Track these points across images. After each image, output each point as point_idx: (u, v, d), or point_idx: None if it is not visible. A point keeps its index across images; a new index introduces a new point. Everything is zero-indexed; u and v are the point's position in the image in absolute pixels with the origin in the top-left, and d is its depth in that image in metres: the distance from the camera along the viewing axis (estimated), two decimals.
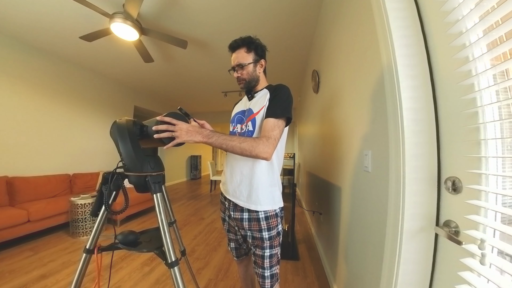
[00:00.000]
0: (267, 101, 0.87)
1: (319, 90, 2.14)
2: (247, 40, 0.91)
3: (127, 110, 4.41)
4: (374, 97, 0.86)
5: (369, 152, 0.90)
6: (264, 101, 0.88)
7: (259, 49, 0.93)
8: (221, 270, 1.78)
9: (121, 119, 0.81)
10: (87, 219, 2.41)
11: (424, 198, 0.63)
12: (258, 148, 0.75)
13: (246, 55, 0.90)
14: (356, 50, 1.06)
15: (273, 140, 0.78)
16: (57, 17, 2.16)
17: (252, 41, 0.91)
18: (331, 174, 1.59)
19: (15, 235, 2.10)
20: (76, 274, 0.83)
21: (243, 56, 0.90)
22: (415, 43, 0.66)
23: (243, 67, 0.90)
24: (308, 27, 2.24)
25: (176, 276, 0.75)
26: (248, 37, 0.91)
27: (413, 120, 0.64)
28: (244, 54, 0.90)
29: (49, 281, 1.60)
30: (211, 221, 3.03)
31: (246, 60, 0.90)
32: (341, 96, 1.35)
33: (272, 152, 0.78)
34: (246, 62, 0.90)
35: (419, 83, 0.65)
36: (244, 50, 0.90)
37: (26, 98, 2.72)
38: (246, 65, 0.90)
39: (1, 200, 2.33)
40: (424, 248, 0.63)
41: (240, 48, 0.91)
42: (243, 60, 0.90)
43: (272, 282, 0.88)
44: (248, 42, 0.90)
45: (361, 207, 1.01)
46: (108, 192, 0.83)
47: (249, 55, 0.91)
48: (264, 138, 0.77)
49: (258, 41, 0.92)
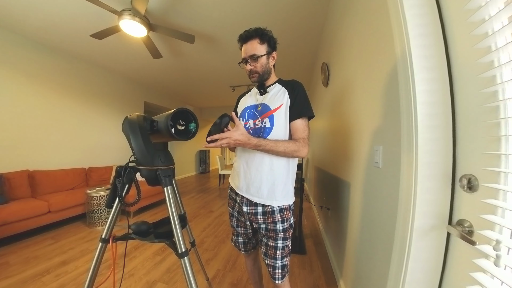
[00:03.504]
0: (287, 99, 0.87)
1: (329, 83, 2.09)
2: (260, 31, 0.87)
3: (138, 106, 4.51)
4: (387, 90, 0.83)
5: (380, 147, 0.88)
6: (282, 99, 0.87)
7: (272, 41, 0.89)
8: (229, 261, 1.83)
9: (132, 114, 0.84)
10: (102, 211, 2.54)
11: (437, 195, 0.61)
12: (300, 151, 0.83)
13: (260, 46, 0.86)
14: (368, 41, 1.02)
15: (308, 139, 0.85)
16: (69, 17, 2.21)
17: (265, 32, 0.87)
18: (340, 169, 1.57)
19: (37, 224, 2.25)
20: (93, 261, 0.88)
21: (256, 47, 0.86)
22: (432, 33, 0.63)
23: (257, 59, 0.87)
24: (317, 19, 2.17)
25: (186, 266, 0.78)
26: (260, 28, 0.88)
27: (428, 114, 0.62)
28: (257, 45, 0.86)
29: (69, 267, 1.71)
30: (219, 214, 3.09)
31: (260, 51, 0.86)
32: (351, 90, 1.31)
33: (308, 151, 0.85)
34: (260, 53, 0.86)
35: (435, 75, 0.62)
36: (257, 41, 0.86)
37: (44, 96, 2.84)
38: (260, 57, 0.87)
39: (24, 192, 2.49)
40: (434, 247, 0.62)
41: (253, 39, 0.87)
42: (257, 51, 0.86)
43: (283, 272, 0.90)
44: (261, 33, 0.87)
45: (370, 203, 0.99)
46: (121, 185, 0.87)
47: (263, 46, 0.87)
48: (301, 140, 0.84)
49: (270, 33, 0.89)
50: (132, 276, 1.60)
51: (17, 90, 2.57)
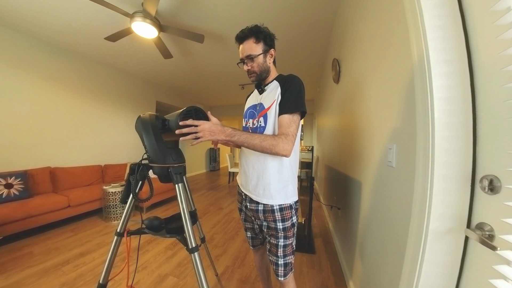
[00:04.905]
0: (278, 95, 0.85)
1: (340, 80, 2.03)
2: (254, 29, 0.85)
3: (150, 105, 4.64)
4: (402, 86, 0.80)
5: (393, 145, 0.85)
6: (274, 95, 0.86)
7: (268, 39, 0.87)
8: (238, 258, 1.85)
9: (145, 114, 0.86)
10: (117, 206, 2.65)
11: (454, 197, 0.58)
12: (278, 147, 0.76)
13: (255, 45, 0.86)
14: (381, 35, 0.98)
15: (291, 136, 0.78)
16: (84, 21, 2.30)
17: (260, 30, 0.86)
18: (352, 168, 1.53)
19: (58, 217, 2.39)
20: (109, 254, 0.92)
21: (252, 47, 0.86)
22: (451, 24, 0.59)
23: (253, 59, 0.86)
24: (328, 13, 2.12)
25: (196, 261, 0.80)
26: (255, 26, 0.86)
27: (446, 111, 0.58)
28: (252, 45, 0.86)
29: (87, 259, 1.80)
30: (229, 211, 3.13)
31: (255, 51, 0.86)
32: (363, 86, 1.27)
33: (291, 149, 0.78)
34: (256, 53, 0.86)
35: (454, 69, 0.58)
36: (252, 41, 0.86)
37: (63, 98, 2.99)
38: (256, 57, 0.86)
39: (47, 188, 2.65)
40: (451, 251, 0.59)
41: (248, 39, 0.86)
42: (252, 51, 0.86)
43: (286, 270, 0.89)
44: (256, 31, 0.85)
45: (382, 204, 0.96)
46: (135, 181, 0.90)
47: (258, 45, 0.86)
48: (283, 136, 0.77)
49: (266, 30, 0.87)
50: (145, 269, 1.66)
51: (39, 92, 2.73)
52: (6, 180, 2.21)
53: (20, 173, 2.34)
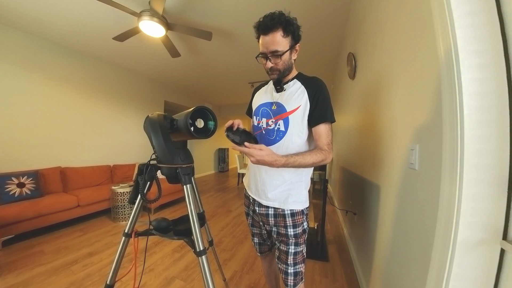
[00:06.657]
0: (305, 101, 0.79)
1: (356, 75, 1.94)
2: (284, 19, 0.72)
3: (158, 105, 4.69)
4: (425, 80, 0.74)
5: (416, 146, 0.79)
6: (300, 100, 0.80)
7: (297, 32, 0.76)
8: (247, 263, 1.81)
9: (153, 114, 0.85)
10: (125, 206, 2.67)
11: (487, 204, 0.53)
12: (328, 159, 0.79)
13: (283, 40, 0.74)
14: (403, 24, 0.92)
15: (331, 145, 0.81)
16: (92, 21, 2.35)
17: (290, 21, 0.73)
18: (369, 170, 1.45)
19: (68, 217, 2.43)
20: (117, 254, 0.91)
21: (280, 42, 0.73)
22: (483, 9, 0.54)
23: (280, 56, 0.75)
24: (342, 4, 2.03)
25: (203, 265, 0.77)
26: (283, 15, 0.73)
27: (477, 107, 0.53)
28: (280, 39, 0.73)
29: (95, 259, 1.81)
30: (238, 214, 3.09)
31: (283, 46, 0.74)
32: (382, 81, 1.20)
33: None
34: (284, 49, 0.74)
35: (487, 60, 0.53)
36: (280, 34, 0.73)
37: (73, 98, 3.06)
38: (283, 53, 0.75)
39: (57, 187, 2.70)
40: (483, 265, 0.53)
41: (275, 31, 0.72)
42: (280, 46, 0.74)
43: (296, 280, 0.85)
44: (286, 23, 0.72)
45: (404, 210, 0.90)
46: (143, 182, 0.89)
47: (286, 40, 0.74)
48: (327, 147, 0.79)
49: (296, 21, 0.75)
50: (152, 271, 1.65)
51: (51, 93, 2.80)
52: (18, 179, 2.27)
53: (31, 173, 2.40)
